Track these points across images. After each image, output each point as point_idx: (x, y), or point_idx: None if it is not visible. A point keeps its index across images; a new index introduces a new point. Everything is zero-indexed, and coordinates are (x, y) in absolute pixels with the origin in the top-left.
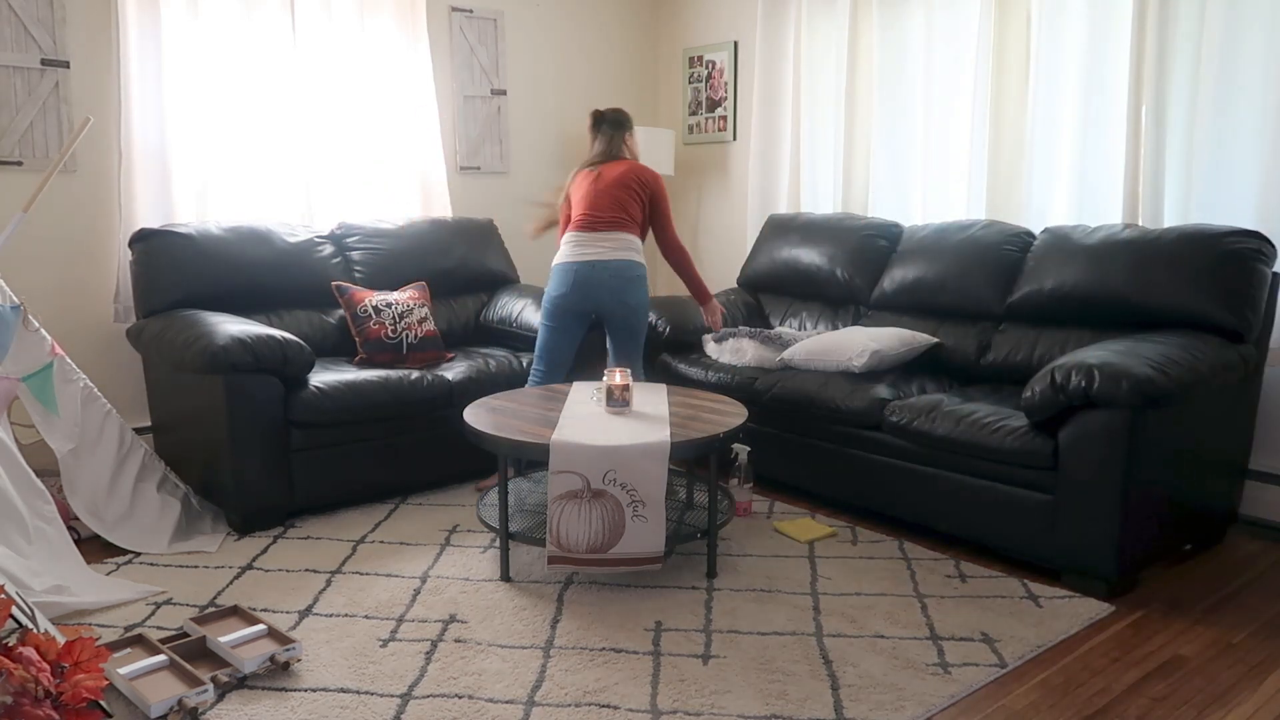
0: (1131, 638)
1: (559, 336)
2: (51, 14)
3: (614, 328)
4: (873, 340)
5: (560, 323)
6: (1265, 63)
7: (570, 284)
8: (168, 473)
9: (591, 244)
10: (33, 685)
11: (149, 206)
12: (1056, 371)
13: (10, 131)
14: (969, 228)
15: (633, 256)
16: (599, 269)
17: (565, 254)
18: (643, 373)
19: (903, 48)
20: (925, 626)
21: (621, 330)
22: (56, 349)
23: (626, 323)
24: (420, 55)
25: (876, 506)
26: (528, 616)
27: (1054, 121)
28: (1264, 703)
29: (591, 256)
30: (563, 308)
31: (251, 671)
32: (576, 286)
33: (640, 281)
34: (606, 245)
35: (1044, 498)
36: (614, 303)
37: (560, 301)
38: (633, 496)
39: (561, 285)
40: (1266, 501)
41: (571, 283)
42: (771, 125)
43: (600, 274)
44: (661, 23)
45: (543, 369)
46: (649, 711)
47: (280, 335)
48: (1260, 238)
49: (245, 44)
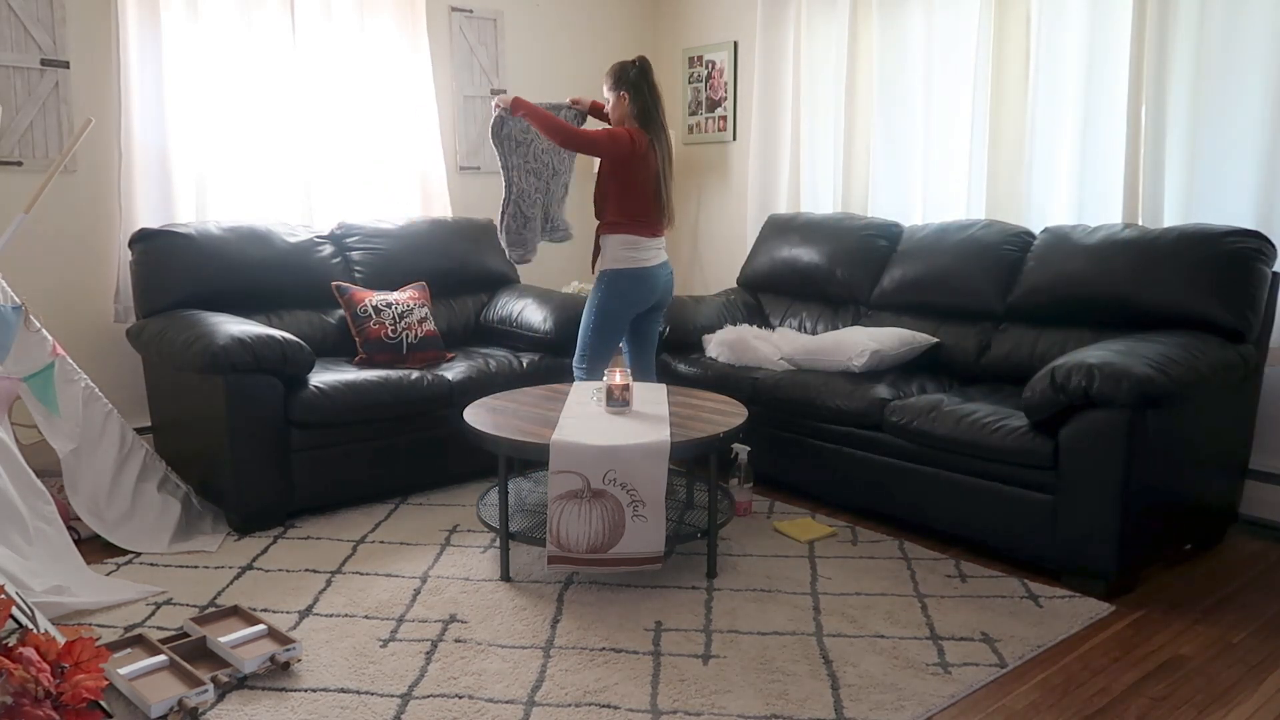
0: (1131, 638)
1: (616, 340)
2: (51, 14)
3: (652, 324)
4: (873, 340)
5: (624, 325)
6: (1265, 63)
7: (653, 288)
8: (168, 473)
9: (659, 246)
10: (33, 685)
11: (149, 206)
12: (1056, 371)
13: (10, 131)
14: (969, 227)
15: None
16: (666, 271)
17: (651, 256)
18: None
19: (903, 48)
20: (925, 626)
21: (654, 327)
22: (57, 349)
23: (658, 319)
24: (420, 55)
25: (876, 506)
26: (528, 616)
27: (1054, 121)
28: (1264, 703)
29: (661, 258)
30: (640, 309)
31: (251, 671)
32: (656, 291)
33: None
34: (662, 245)
35: (1044, 498)
36: (669, 296)
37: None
38: (633, 496)
39: (649, 291)
40: (1266, 501)
41: (655, 288)
42: (771, 125)
43: (667, 278)
44: (661, 23)
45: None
46: (649, 711)
47: (280, 335)
48: (1260, 238)
49: (245, 44)
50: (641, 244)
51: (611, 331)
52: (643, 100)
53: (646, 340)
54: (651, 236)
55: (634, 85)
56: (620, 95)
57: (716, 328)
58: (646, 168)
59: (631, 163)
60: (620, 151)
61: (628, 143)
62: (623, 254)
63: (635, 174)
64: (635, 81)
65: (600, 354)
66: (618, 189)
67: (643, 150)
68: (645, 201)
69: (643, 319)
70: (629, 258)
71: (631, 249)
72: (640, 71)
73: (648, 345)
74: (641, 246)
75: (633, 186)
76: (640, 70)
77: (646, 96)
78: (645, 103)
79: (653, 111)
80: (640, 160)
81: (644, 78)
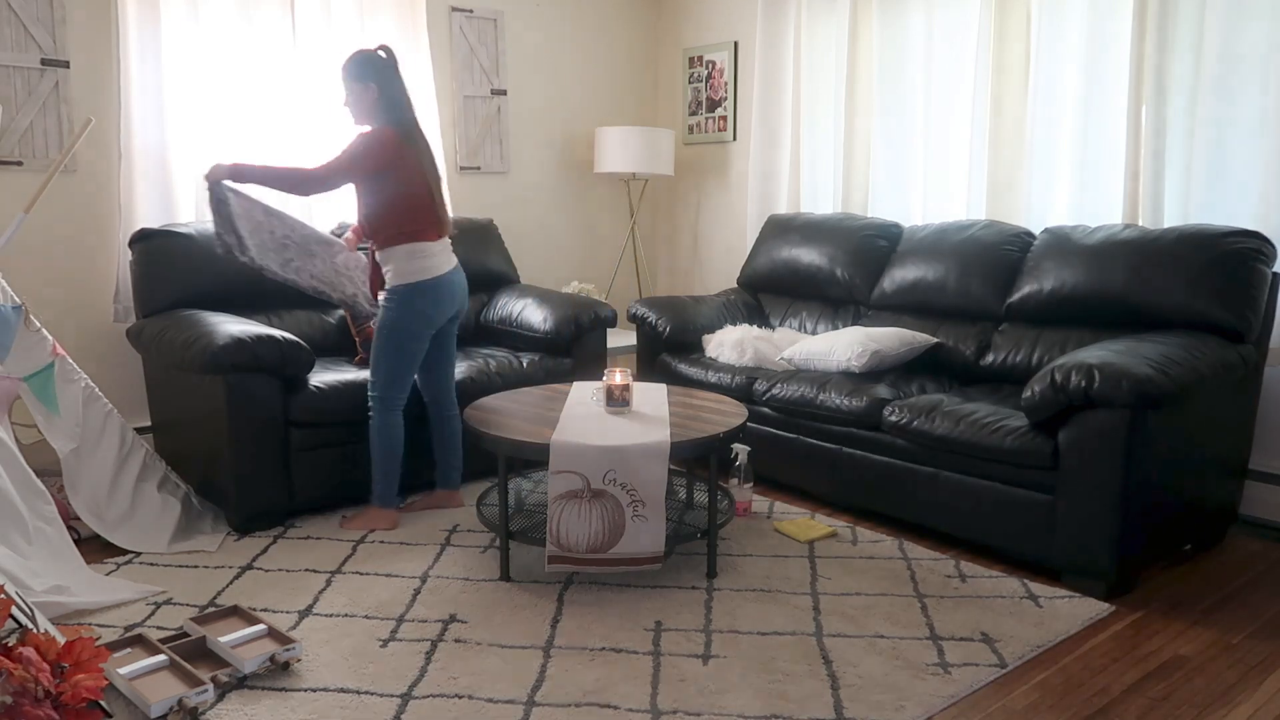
0: (1131, 638)
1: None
2: (51, 14)
3: (451, 336)
4: (873, 340)
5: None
6: (1265, 62)
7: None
8: (168, 472)
9: (449, 247)
10: (33, 685)
11: (149, 206)
12: (1056, 371)
13: (10, 131)
14: (969, 228)
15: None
16: (461, 276)
17: (442, 262)
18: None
19: (903, 48)
20: (925, 626)
21: (453, 340)
22: (57, 349)
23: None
24: (420, 55)
25: (876, 506)
26: (527, 616)
27: (1054, 121)
28: (1264, 702)
29: (453, 262)
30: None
31: (251, 671)
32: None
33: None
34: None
35: (1044, 498)
36: (465, 302)
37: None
38: (633, 496)
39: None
40: (1266, 501)
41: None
42: (771, 125)
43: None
44: (661, 23)
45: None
46: (649, 711)
47: (280, 335)
48: (1260, 238)
49: (245, 44)
50: (430, 250)
51: (413, 354)
52: (392, 92)
53: (447, 354)
54: (437, 239)
55: (382, 74)
56: (367, 86)
57: (716, 328)
58: (408, 166)
59: (395, 165)
60: (380, 158)
61: (378, 145)
62: (412, 266)
63: (399, 176)
64: (384, 70)
65: (401, 381)
66: (385, 199)
67: (401, 147)
68: (420, 203)
69: (440, 332)
70: (420, 268)
71: (421, 258)
72: (389, 58)
73: (448, 359)
74: (430, 253)
75: (402, 191)
76: (389, 57)
77: (397, 87)
78: (395, 94)
79: (404, 104)
80: (400, 160)
81: (392, 67)
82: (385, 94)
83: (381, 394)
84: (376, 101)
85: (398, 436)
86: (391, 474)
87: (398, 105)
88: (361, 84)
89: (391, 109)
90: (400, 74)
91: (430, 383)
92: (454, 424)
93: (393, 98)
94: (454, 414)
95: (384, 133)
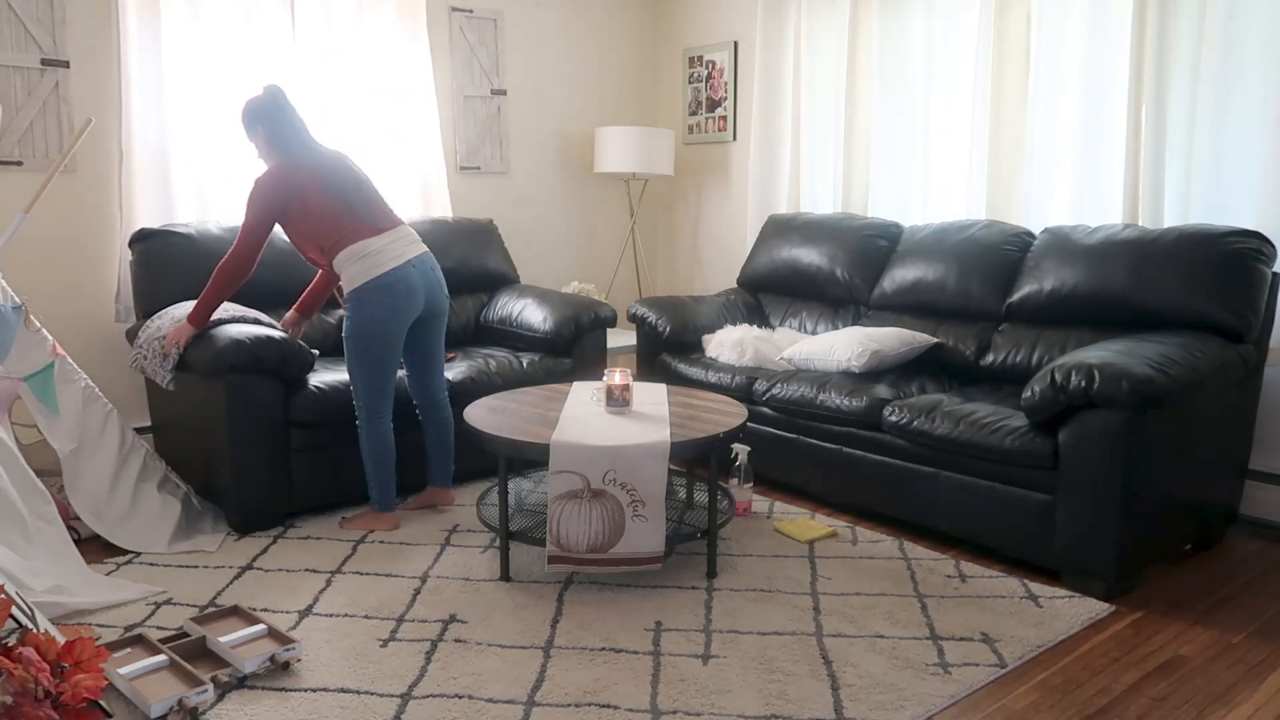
0: (1131, 638)
1: (392, 367)
2: (51, 14)
3: (432, 337)
4: (873, 340)
5: (394, 347)
6: (1265, 62)
7: (413, 291)
8: (168, 472)
9: (407, 239)
10: (33, 685)
11: (149, 206)
12: (1056, 371)
13: (10, 131)
14: (969, 228)
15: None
16: (424, 266)
17: (392, 256)
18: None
19: (903, 48)
20: (925, 626)
21: (436, 340)
22: (57, 349)
23: (438, 330)
24: (420, 55)
25: (876, 506)
26: (527, 616)
27: (1054, 121)
28: (1264, 702)
29: (409, 254)
30: (405, 321)
31: (251, 671)
32: (417, 294)
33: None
34: (411, 237)
35: (1044, 498)
36: (441, 297)
37: (404, 318)
38: (633, 496)
39: (406, 297)
40: (1266, 501)
41: (413, 290)
42: (771, 125)
43: (430, 270)
44: (661, 23)
45: (390, 400)
46: (649, 711)
47: (280, 335)
48: (1260, 238)
49: (245, 44)
50: (372, 247)
51: (382, 360)
52: (278, 127)
53: (430, 356)
54: (380, 233)
55: (264, 115)
56: (255, 131)
57: (716, 328)
58: (312, 185)
59: (297, 191)
60: (280, 191)
61: (274, 181)
62: (360, 267)
63: (307, 197)
64: (265, 111)
65: (381, 386)
66: (306, 222)
67: (294, 174)
68: (335, 210)
69: (420, 332)
70: (369, 267)
71: (366, 256)
72: (269, 99)
73: (433, 361)
74: (374, 250)
75: (314, 209)
76: (269, 98)
77: (283, 122)
78: (281, 129)
79: (291, 131)
80: (298, 185)
81: (274, 103)
82: (272, 133)
83: (364, 402)
84: (269, 142)
85: (388, 444)
86: (386, 480)
87: (284, 139)
88: (252, 131)
89: (280, 144)
90: (286, 103)
91: (419, 388)
92: (446, 423)
93: (278, 133)
94: (446, 415)
95: (277, 168)
